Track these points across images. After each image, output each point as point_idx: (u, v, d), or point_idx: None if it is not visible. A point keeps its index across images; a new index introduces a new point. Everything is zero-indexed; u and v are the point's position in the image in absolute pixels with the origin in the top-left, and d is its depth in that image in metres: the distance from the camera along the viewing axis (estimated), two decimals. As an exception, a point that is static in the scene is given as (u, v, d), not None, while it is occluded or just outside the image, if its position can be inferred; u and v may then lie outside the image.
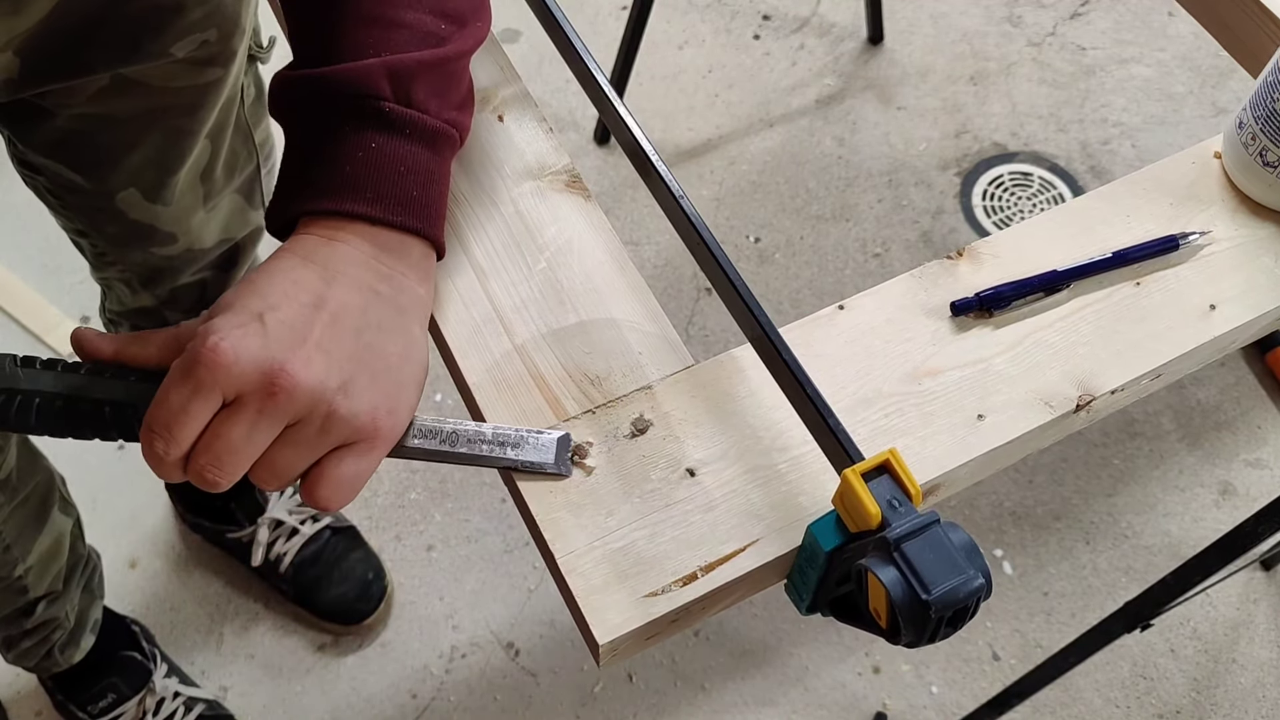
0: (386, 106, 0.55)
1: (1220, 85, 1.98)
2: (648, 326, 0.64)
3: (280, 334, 0.51)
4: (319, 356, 0.51)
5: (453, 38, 0.59)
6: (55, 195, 0.95)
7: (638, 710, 1.42)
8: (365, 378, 0.52)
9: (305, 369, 0.50)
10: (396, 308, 0.55)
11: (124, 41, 0.78)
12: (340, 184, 0.55)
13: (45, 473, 1.11)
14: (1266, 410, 1.66)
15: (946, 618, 0.48)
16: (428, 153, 0.57)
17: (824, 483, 0.58)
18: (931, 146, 1.90)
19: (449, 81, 0.59)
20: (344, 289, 0.53)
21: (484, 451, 0.57)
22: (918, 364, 0.63)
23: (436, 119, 0.57)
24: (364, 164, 0.55)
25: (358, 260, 0.55)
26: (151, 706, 1.34)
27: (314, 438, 0.51)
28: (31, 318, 1.70)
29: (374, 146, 0.55)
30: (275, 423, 0.50)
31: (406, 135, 0.56)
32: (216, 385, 0.49)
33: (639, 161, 0.65)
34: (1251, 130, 0.69)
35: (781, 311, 1.71)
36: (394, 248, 0.56)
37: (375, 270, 0.55)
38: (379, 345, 0.54)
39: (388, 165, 0.55)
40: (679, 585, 0.55)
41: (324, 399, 0.51)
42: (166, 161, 0.91)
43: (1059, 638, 1.45)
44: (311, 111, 0.57)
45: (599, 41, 1.98)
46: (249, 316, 0.51)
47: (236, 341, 0.49)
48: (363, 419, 0.52)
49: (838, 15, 2.06)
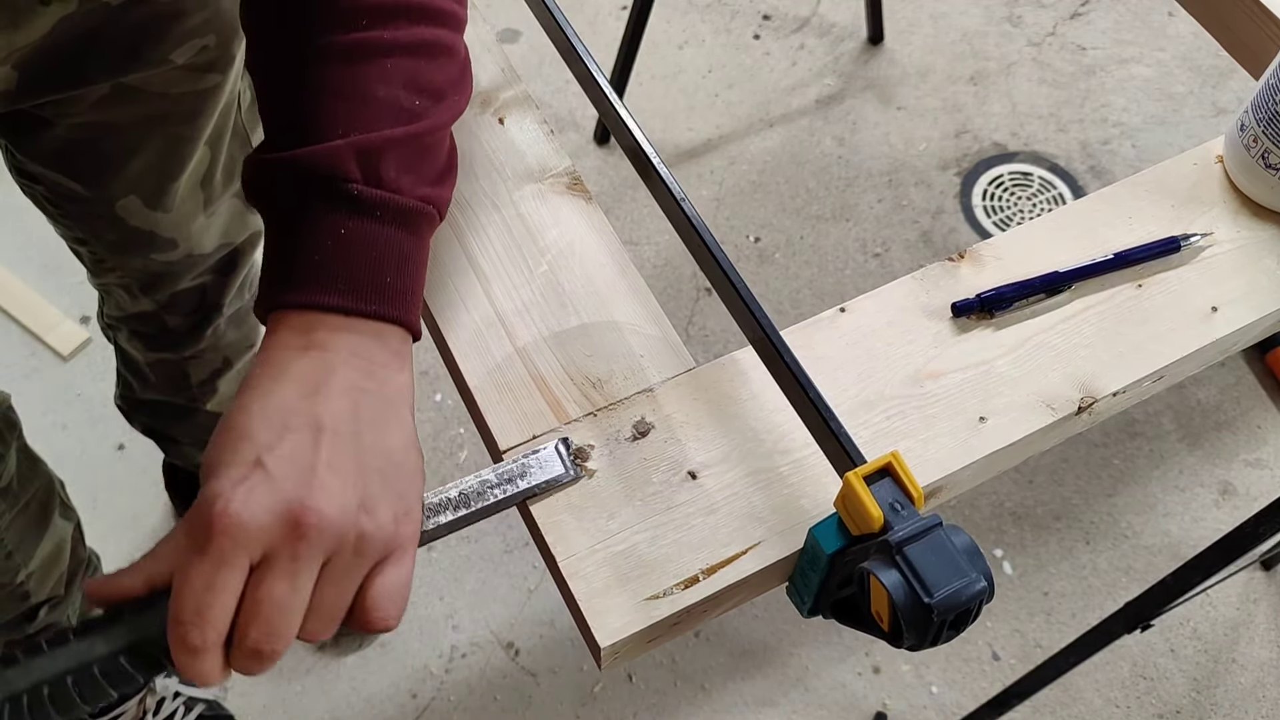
0: (356, 189, 0.53)
1: (1220, 85, 1.98)
2: (649, 329, 0.64)
3: (286, 473, 0.47)
4: (332, 481, 0.48)
5: (427, 113, 0.56)
6: (54, 204, 0.94)
7: (638, 710, 1.42)
8: (379, 485, 0.50)
9: (325, 500, 0.47)
10: (385, 400, 0.52)
11: (124, 50, 0.78)
12: (311, 274, 0.52)
13: (45, 478, 1.10)
14: (1266, 410, 1.66)
15: (949, 620, 0.48)
16: (402, 234, 0.54)
17: (826, 485, 0.58)
18: (931, 146, 1.90)
19: (423, 157, 0.56)
20: (331, 399, 0.50)
21: (497, 496, 0.56)
22: (919, 366, 0.63)
23: (410, 198, 0.54)
24: (335, 251, 0.53)
25: (336, 363, 0.52)
26: (152, 706, 1.33)
27: (352, 565, 0.48)
28: (31, 318, 1.70)
29: (344, 232, 0.53)
30: (313, 565, 0.47)
31: (378, 218, 0.53)
32: (240, 550, 0.45)
33: (639, 162, 0.65)
34: (1253, 132, 0.69)
35: (781, 311, 1.71)
36: (371, 337, 0.53)
37: (356, 367, 0.52)
38: (380, 445, 0.51)
39: (360, 251, 0.53)
40: (680, 588, 0.55)
41: (351, 523, 0.48)
42: (167, 168, 0.91)
43: (1059, 638, 1.45)
44: (283, 196, 0.54)
45: (599, 41, 1.98)
46: (247, 466, 0.47)
47: (245, 498, 0.46)
48: (389, 528, 0.49)
49: (838, 15, 2.06)
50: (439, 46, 0.58)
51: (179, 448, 1.33)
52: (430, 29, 0.57)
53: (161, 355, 1.15)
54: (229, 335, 1.17)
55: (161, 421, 1.29)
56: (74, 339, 1.67)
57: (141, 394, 1.24)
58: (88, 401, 1.63)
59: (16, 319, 1.70)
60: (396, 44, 0.55)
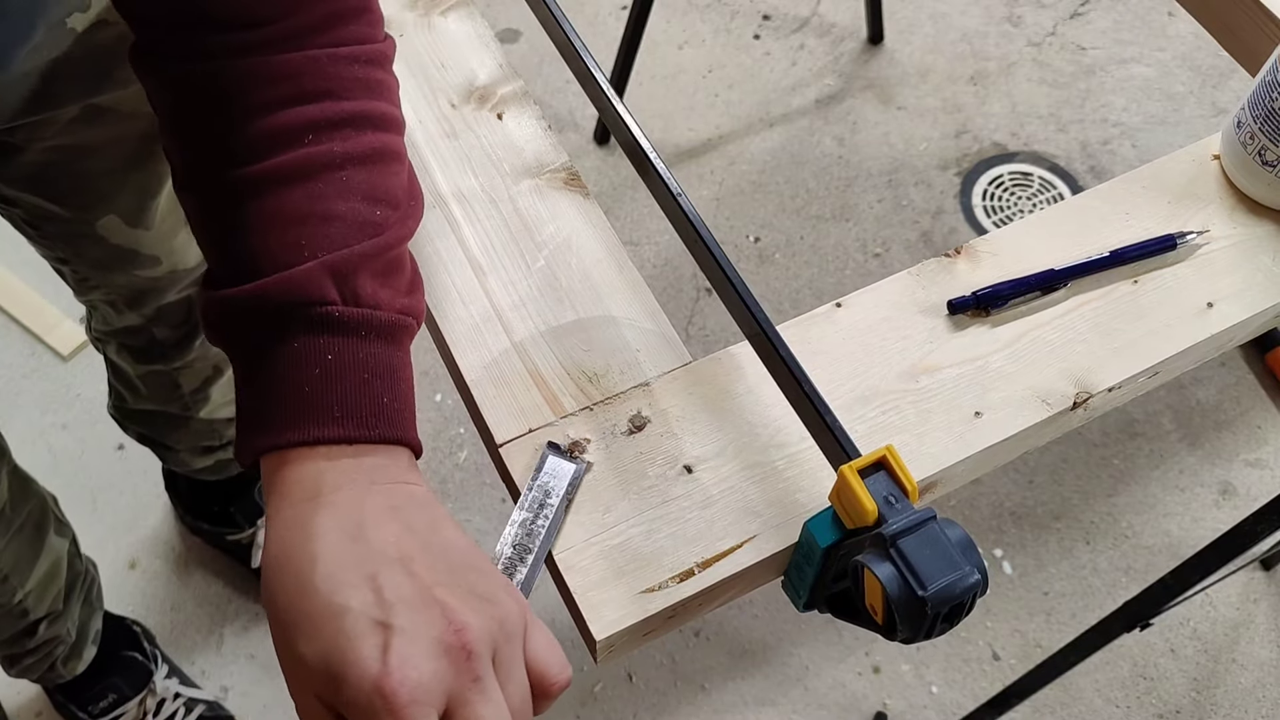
0: (336, 311, 0.50)
1: (1220, 85, 1.98)
2: (646, 324, 0.64)
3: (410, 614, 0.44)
4: (447, 594, 0.46)
5: (389, 222, 0.53)
6: (33, 225, 0.93)
7: (638, 710, 1.42)
8: (472, 575, 0.48)
9: (461, 612, 0.45)
10: (421, 504, 0.50)
11: (93, 72, 0.77)
12: (303, 408, 0.49)
13: (38, 497, 1.10)
14: (1266, 410, 1.66)
15: (943, 614, 0.48)
16: (388, 349, 0.52)
17: (821, 479, 0.58)
18: (931, 146, 1.90)
19: (392, 269, 0.53)
20: (380, 529, 0.47)
21: (548, 519, 0.56)
22: (915, 361, 0.63)
23: (389, 311, 0.52)
24: (323, 379, 0.49)
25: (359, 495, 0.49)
26: (152, 707, 1.34)
27: (514, 652, 0.47)
28: (31, 318, 1.70)
29: (330, 358, 0.50)
30: (493, 675, 0.45)
31: (364, 336, 0.51)
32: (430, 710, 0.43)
33: (638, 161, 0.65)
34: (1250, 129, 0.69)
35: (781, 311, 1.71)
36: (380, 461, 0.50)
37: (381, 491, 0.49)
38: (445, 541, 0.49)
39: (350, 374, 0.50)
40: (676, 581, 0.55)
41: (488, 620, 0.46)
42: (145, 186, 0.89)
43: (1059, 638, 1.45)
44: (256, 331, 0.51)
45: (599, 41, 1.98)
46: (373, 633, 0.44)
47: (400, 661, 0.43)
48: (509, 604, 0.47)
49: (838, 15, 2.06)
50: (388, 153, 0.55)
51: (175, 455, 1.33)
52: (377, 135, 0.54)
53: (152, 367, 1.15)
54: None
55: (156, 430, 1.28)
56: (74, 339, 1.67)
57: (134, 404, 1.24)
58: (88, 401, 1.63)
59: (16, 319, 1.71)
60: (348, 156, 0.53)
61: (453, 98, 0.74)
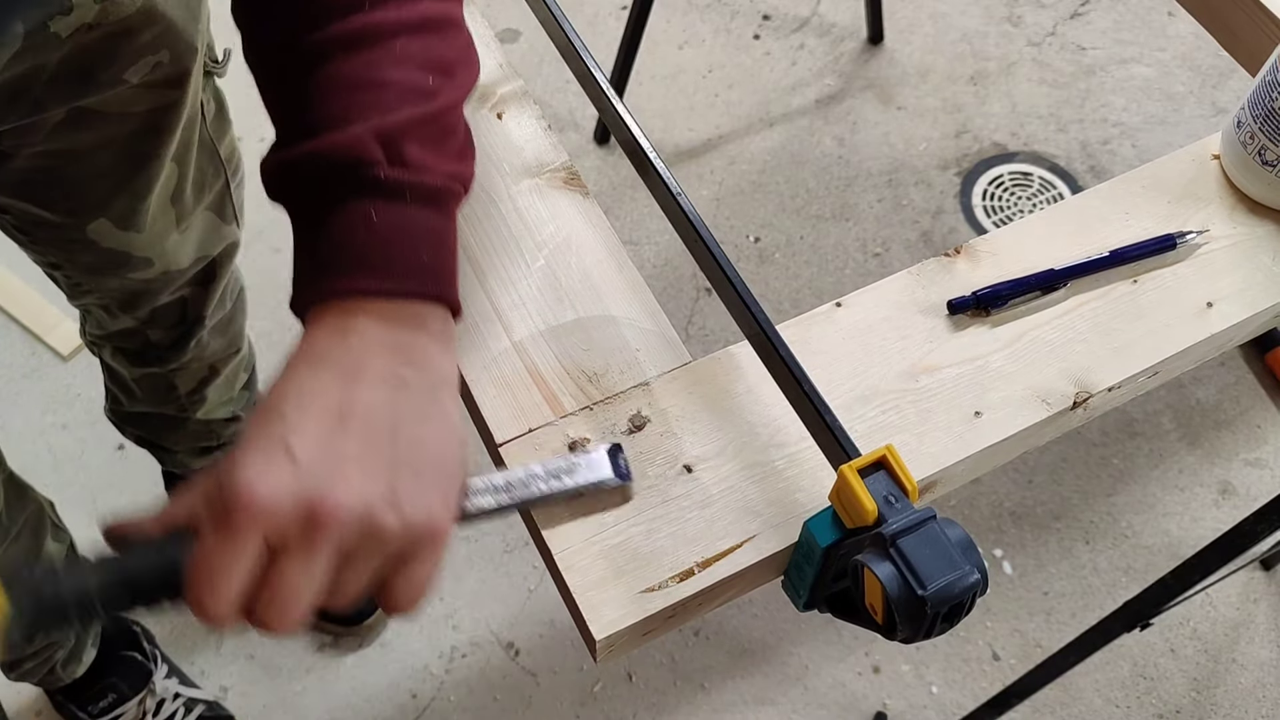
0: (382, 173, 0.52)
1: (1220, 85, 1.98)
2: (645, 324, 0.64)
3: (312, 461, 0.47)
4: (357, 474, 0.47)
5: (442, 90, 0.55)
6: (24, 231, 0.93)
7: (637, 710, 1.42)
8: (410, 480, 0.49)
9: (346, 493, 0.46)
10: (427, 388, 0.51)
11: (77, 74, 0.76)
12: (345, 263, 0.52)
13: (34, 504, 1.09)
14: (1266, 410, 1.66)
15: (942, 613, 0.48)
16: (432, 213, 0.53)
17: (821, 479, 0.58)
18: (931, 146, 1.90)
19: (443, 135, 0.55)
20: (368, 388, 0.50)
21: (541, 490, 0.56)
22: (915, 361, 0.63)
23: (436, 176, 0.54)
24: (367, 237, 0.52)
25: (376, 349, 0.51)
26: (152, 707, 1.34)
27: (370, 558, 0.48)
28: (31, 318, 1.70)
29: (375, 217, 0.52)
30: (327, 555, 0.47)
31: (407, 199, 0.53)
32: (255, 529, 0.46)
33: (638, 161, 0.65)
34: (1250, 129, 0.69)
35: (781, 311, 1.71)
36: (411, 320, 0.52)
37: (397, 354, 0.51)
38: (417, 438, 0.50)
39: (393, 234, 0.52)
40: (676, 581, 0.55)
41: (372, 518, 0.47)
42: (135, 188, 0.89)
43: (1059, 638, 1.45)
44: (306, 191, 0.54)
45: (599, 41, 1.98)
46: (276, 448, 0.47)
47: (267, 480, 0.46)
48: (418, 526, 0.48)
49: (838, 15, 2.06)
50: (445, 20, 0.57)
51: (173, 456, 1.33)
52: (434, 3, 0.56)
53: (147, 370, 1.14)
54: (213, 345, 1.15)
55: (153, 432, 1.28)
56: (74, 339, 1.67)
57: (130, 407, 1.24)
58: (88, 401, 1.63)
59: (16, 319, 1.70)
60: (403, 24, 0.54)
61: (452, 97, 0.73)
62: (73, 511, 1.22)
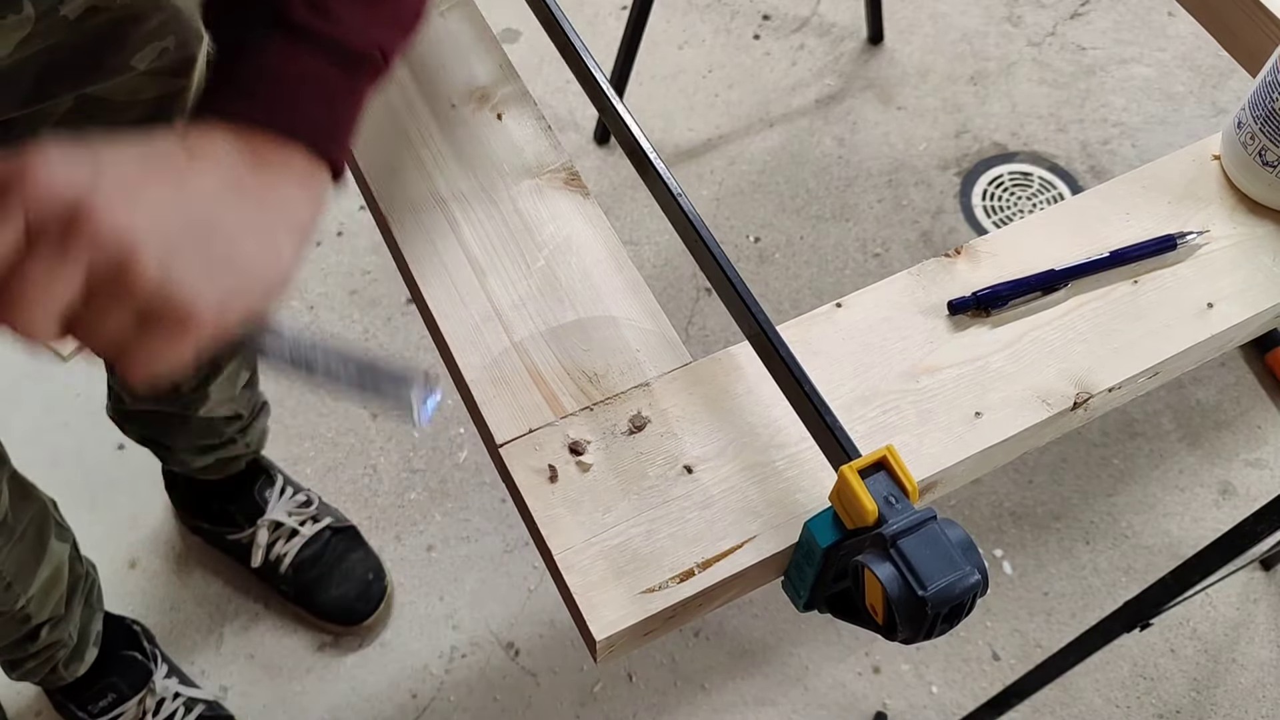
0: (295, 15, 0.51)
1: (1220, 85, 1.98)
2: (646, 324, 0.64)
3: (112, 177, 0.45)
4: (144, 213, 0.45)
5: None
6: None
7: (637, 710, 1.42)
8: (196, 259, 0.47)
9: (120, 218, 0.44)
10: (260, 206, 0.50)
11: (85, 61, 0.76)
12: (229, 90, 0.51)
13: (38, 503, 1.09)
14: (1266, 410, 1.66)
15: (943, 614, 0.48)
16: (335, 70, 0.52)
17: (821, 479, 0.58)
18: (931, 146, 1.90)
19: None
20: (204, 173, 0.48)
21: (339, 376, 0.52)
22: (915, 362, 0.63)
23: (353, 35, 0.52)
24: (257, 70, 0.51)
25: (229, 154, 0.50)
26: (151, 707, 1.33)
27: (119, 299, 0.45)
28: (32, 318, 1.70)
29: (273, 54, 0.51)
30: (78, 264, 0.44)
31: (311, 45, 0.52)
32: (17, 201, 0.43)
33: (638, 161, 0.65)
34: (1250, 130, 0.69)
35: (781, 311, 1.71)
36: (278, 157, 0.51)
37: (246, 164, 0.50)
38: (228, 235, 0.48)
39: (284, 73, 0.51)
40: (676, 581, 0.55)
41: (133, 255, 0.45)
42: None
43: (1059, 638, 1.45)
44: (225, 22, 0.53)
45: (599, 41, 1.98)
46: (87, 153, 0.45)
47: (56, 165, 0.44)
48: (174, 296, 0.46)
49: (838, 15, 2.06)
50: None
51: (174, 454, 1.33)
52: None
53: None
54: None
55: (155, 430, 1.28)
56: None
57: (132, 405, 1.23)
58: (88, 401, 1.63)
59: (17, 319, 1.70)
60: None
61: (453, 98, 0.74)
62: (73, 511, 1.22)
